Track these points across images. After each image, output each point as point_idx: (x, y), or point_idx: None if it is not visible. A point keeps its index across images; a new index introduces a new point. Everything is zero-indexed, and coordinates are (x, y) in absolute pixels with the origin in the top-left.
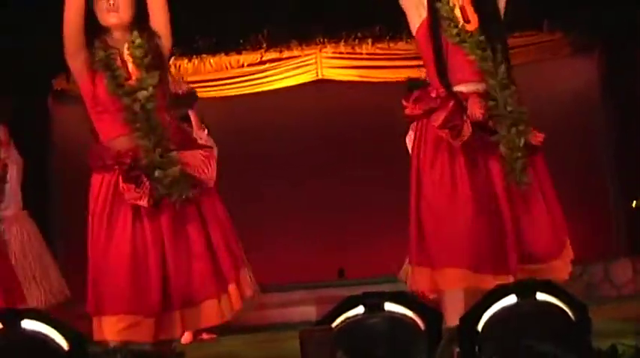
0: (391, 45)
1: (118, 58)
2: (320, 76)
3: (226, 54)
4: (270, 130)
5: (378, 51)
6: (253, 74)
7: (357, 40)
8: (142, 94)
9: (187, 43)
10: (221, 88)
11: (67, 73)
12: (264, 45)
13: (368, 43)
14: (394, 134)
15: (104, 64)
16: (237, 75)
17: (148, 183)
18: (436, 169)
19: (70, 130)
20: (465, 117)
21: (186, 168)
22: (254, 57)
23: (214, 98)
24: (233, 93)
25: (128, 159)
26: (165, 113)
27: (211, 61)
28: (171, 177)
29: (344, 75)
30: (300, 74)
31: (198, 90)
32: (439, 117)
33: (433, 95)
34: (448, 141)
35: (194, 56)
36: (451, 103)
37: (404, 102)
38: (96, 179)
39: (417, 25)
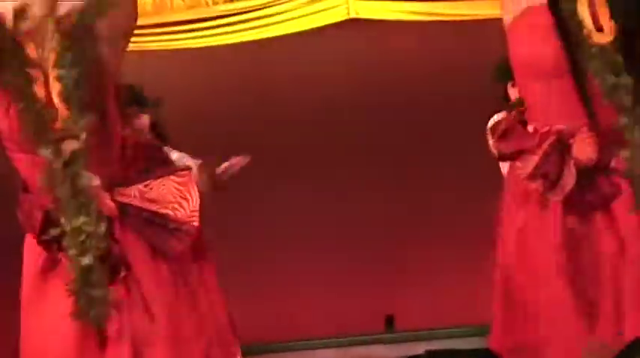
0: None
1: (42, 79)
2: (353, 14)
3: None
4: (279, 101)
5: None
6: (249, 12)
7: None
8: (69, 146)
9: None
10: (200, 34)
11: None
12: None
13: None
14: (468, 105)
15: (18, 88)
16: (223, 14)
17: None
18: (522, 232)
19: None
20: (568, 161)
21: (154, 207)
22: None
23: (189, 51)
24: (218, 43)
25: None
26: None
27: None
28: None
29: (387, 11)
30: (321, 11)
31: (164, 39)
32: (528, 164)
33: (531, 129)
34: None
35: None
36: (547, 142)
37: (489, 137)
38: (31, 240)
39: (511, 19)
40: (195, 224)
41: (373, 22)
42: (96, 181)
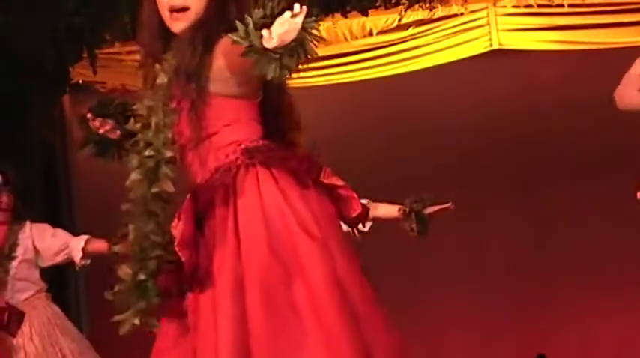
0: None
1: None
2: (496, 45)
3: (343, 16)
4: (421, 134)
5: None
6: (388, 46)
7: None
8: (146, 153)
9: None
10: (336, 70)
11: (92, 57)
12: None
13: None
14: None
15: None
16: (361, 49)
17: None
18: None
19: None
20: None
21: None
22: (388, 19)
23: (324, 87)
24: (355, 79)
25: None
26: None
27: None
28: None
29: (533, 41)
30: (464, 43)
31: (300, 76)
32: None
33: None
34: None
35: None
36: None
37: None
38: None
39: None
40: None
41: (516, 52)
42: (170, 188)
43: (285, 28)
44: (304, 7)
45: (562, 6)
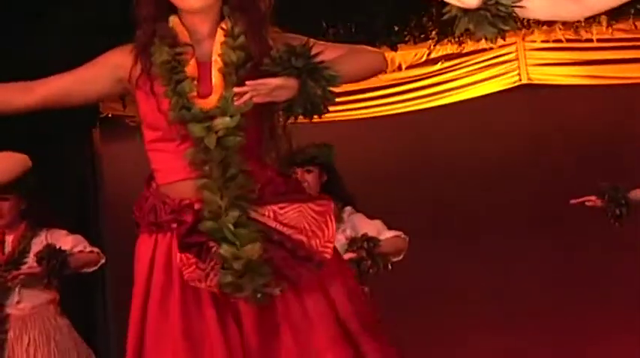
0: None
1: (193, 61)
2: (525, 79)
3: None
4: (445, 172)
5: (617, 34)
6: (417, 81)
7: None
8: (222, 123)
9: (312, 34)
10: (364, 104)
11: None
12: (434, 34)
13: (600, 23)
14: None
15: (167, 68)
16: (391, 83)
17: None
18: None
19: (128, 177)
20: None
21: (287, 231)
22: (417, 53)
23: (354, 121)
24: (384, 113)
25: (190, 216)
26: (258, 161)
27: None
28: (245, 259)
29: (562, 76)
30: (492, 78)
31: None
32: None
33: None
34: None
35: None
36: None
37: None
38: (144, 242)
39: None
40: (328, 256)
41: (545, 86)
42: (246, 166)
43: None
44: None
45: (591, 40)
